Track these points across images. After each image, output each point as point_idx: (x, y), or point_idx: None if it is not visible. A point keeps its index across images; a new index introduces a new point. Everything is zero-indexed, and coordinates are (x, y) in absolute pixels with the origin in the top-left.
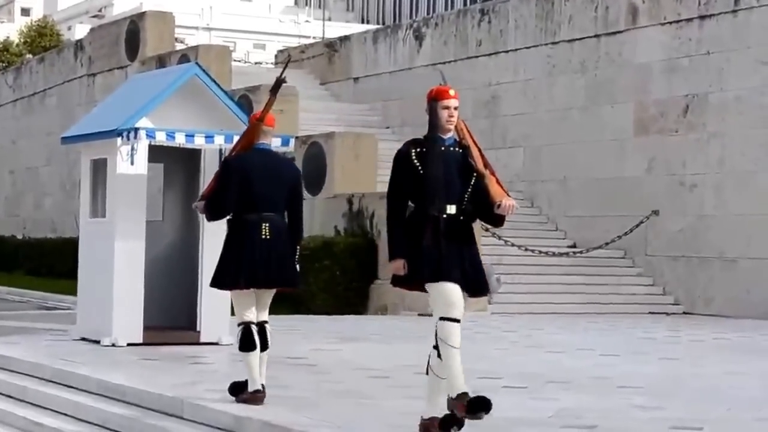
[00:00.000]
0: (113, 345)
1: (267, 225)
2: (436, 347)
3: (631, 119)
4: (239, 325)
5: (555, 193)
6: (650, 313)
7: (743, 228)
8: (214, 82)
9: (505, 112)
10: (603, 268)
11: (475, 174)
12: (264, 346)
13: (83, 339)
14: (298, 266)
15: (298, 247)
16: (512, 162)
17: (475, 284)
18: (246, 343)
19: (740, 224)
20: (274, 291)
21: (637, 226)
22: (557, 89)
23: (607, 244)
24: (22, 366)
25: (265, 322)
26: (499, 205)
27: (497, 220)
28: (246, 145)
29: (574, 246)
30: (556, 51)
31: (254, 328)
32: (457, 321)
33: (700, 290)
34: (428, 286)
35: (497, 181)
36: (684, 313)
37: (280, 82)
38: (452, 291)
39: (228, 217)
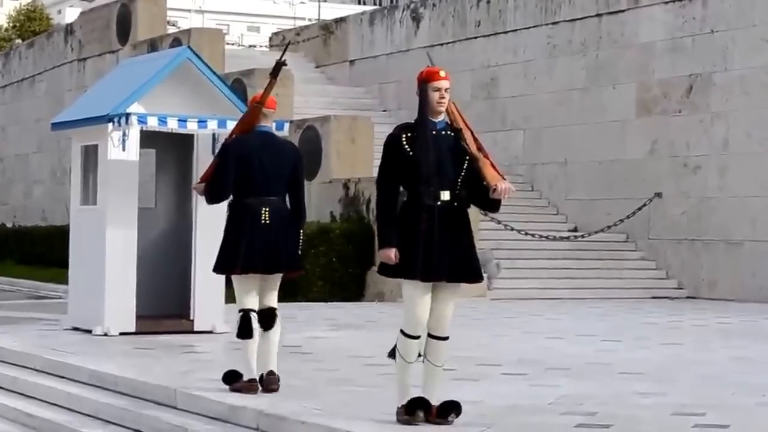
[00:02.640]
0: (105, 334)
1: (267, 209)
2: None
3: (633, 100)
4: (239, 311)
5: (555, 176)
6: (653, 297)
7: (748, 210)
8: (207, 66)
9: (504, 94)
10: (605, 252)
11: (468, 158)
12: (271, 324)
13: (75, 328)
14: (300, 251)
15: (301, 231)
16: (512, 145)
17: (467, 272)
18: (244, 331)
19: (745, 206)
20: (278, 277)
21: (640, 209)
22: (558, 70)
23: (609, 227)
24: (13, 356)
25: (274, 308)
26: (494, 189)
27: (493, 205)
28: (246, 128)
29: (575, 230)
30: (557, 31)
31: (254, 316)
32: (417, 338)
33: (704, 274)
34: (404, 286)
35: (492, 165)
36: (687, 297)
37: (280, 64)
38: (422, 307)
39: (228, 201)
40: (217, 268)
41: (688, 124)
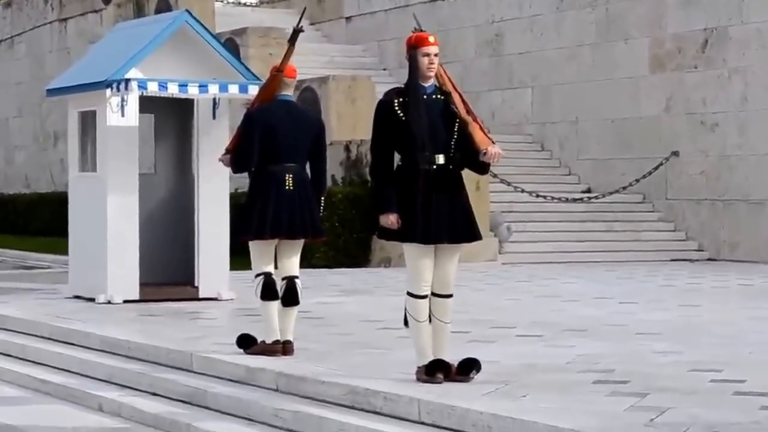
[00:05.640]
0: (109, 302)
1: (291, 176)
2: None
3: (646, 56)
4: (257, 276)
5: (566, 135)
6: (672, 260)
7: None
8: (206, 29)
9: (510, 51)
10: (620, 214)
11: (458, 121)
12: (294, 301)
13: (76, 297)
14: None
15: (322, 199)
16: (519, 104)
17: (466, 233)
18: (267, 292)
19: (766, 164)
20: (301, 243)
21: (656, 168)
22: (566, 25)
23: (624, 188)
24: (18, 324)
25: (296, 276)
26: (484, 153)
27: (482, 168)
28: (267, 97)
29: (588, 191)
30: None
31: (275, 279)
32: (425, 297)
33: (724, 235)
34: (406, 249)
35: (481, 128)
36: (708, 259)
37: (297, 31)
38: (425, 267)
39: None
40: (244, 234)
41: (704, 80)
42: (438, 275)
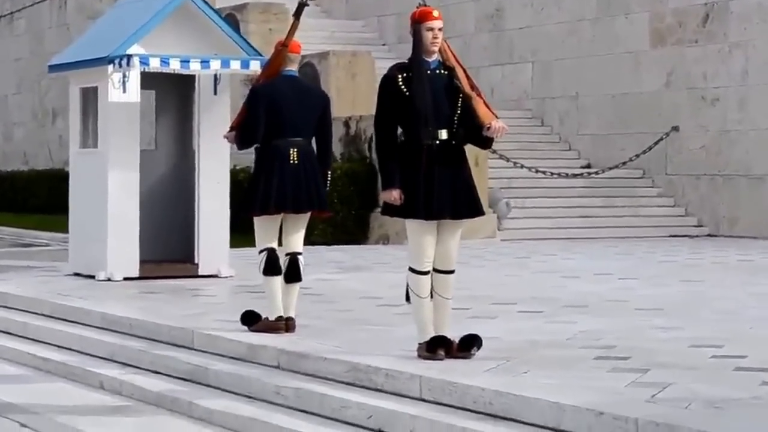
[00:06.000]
0: (109, 279)
1: (295, 150)
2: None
3: (646, 30)
4: (261, 251)
5: (566, 110)
6: (672, 236)
7: None
8: (208, 4)
9: (510, 26)
10: (620, 189)
11: (461, 96)
12: (297, 278)
13: (76, 274)
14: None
15: (329, 173)
16: (520, 79)
17: (469, 208)
18: (270, 268)
19: (766, 139)
20: (306, 218)
21: (656, 143)
22: (566, 0)
23: (624, 163)
24: (19, 302)
25: (299, 253)
26: (488, 128)
27: (486, 142)
28: (272, 73)
29: (588, 166)
30: None
31: (278, 254)
32: (426, 273)
33: (724, 210)
34: (408, 225)
35: (485, 103)
36: (708, 235)
37: (302, 5)
38: (428, 243)
39: (256, 145)
40: (248, 210)
41: (705, 55)
42: (440, 251)
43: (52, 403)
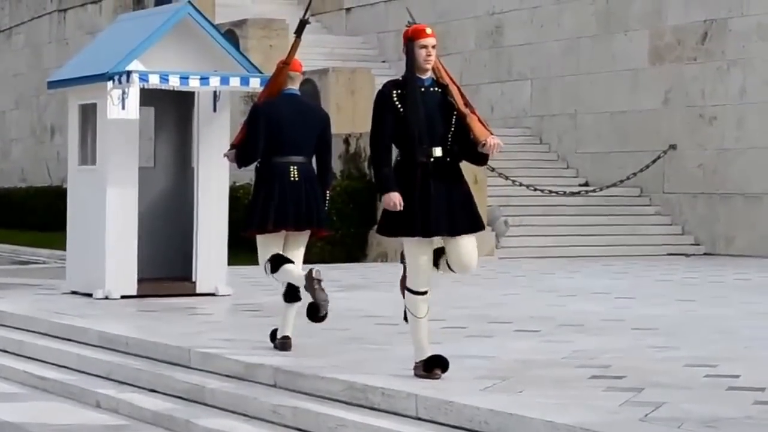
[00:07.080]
0: (106, 297)
1: (296, 168)
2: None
3: (645, 48)
4: (267, 262)
5: (565, 128)
6: (669, 254)
7: (767, 162)
8: (208, 21)
9: (510, 43)
10: (618, 208)
11: (455, 113)
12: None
13: (74, 292)
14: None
15: (327, 193)
16: (518, 96)
17: (467, 223)
18: (275, 265)
19: (764, 158)
20: (306, 236)
21: (654, 162)
22: (566, 17)
23: (621, 181)
24: (16, 320)
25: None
26: (484, 144)
27: (481, 159)
28: (273, 91)
29: (586, 184)
30: None
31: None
32: (424, 294)
33: (721, 229)
34: (406, 245)
35: (479, 120)
36: (705, 254)
37: (304, 22)
38: (425, 264)
39: (255, 164)
40: (249, 228)
41: (704, 73)
42: (454, 260)
43: (48, 421)
